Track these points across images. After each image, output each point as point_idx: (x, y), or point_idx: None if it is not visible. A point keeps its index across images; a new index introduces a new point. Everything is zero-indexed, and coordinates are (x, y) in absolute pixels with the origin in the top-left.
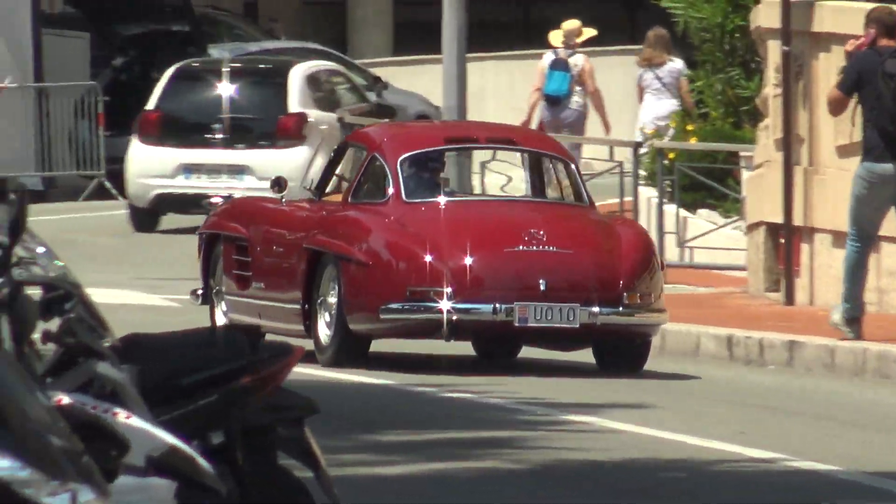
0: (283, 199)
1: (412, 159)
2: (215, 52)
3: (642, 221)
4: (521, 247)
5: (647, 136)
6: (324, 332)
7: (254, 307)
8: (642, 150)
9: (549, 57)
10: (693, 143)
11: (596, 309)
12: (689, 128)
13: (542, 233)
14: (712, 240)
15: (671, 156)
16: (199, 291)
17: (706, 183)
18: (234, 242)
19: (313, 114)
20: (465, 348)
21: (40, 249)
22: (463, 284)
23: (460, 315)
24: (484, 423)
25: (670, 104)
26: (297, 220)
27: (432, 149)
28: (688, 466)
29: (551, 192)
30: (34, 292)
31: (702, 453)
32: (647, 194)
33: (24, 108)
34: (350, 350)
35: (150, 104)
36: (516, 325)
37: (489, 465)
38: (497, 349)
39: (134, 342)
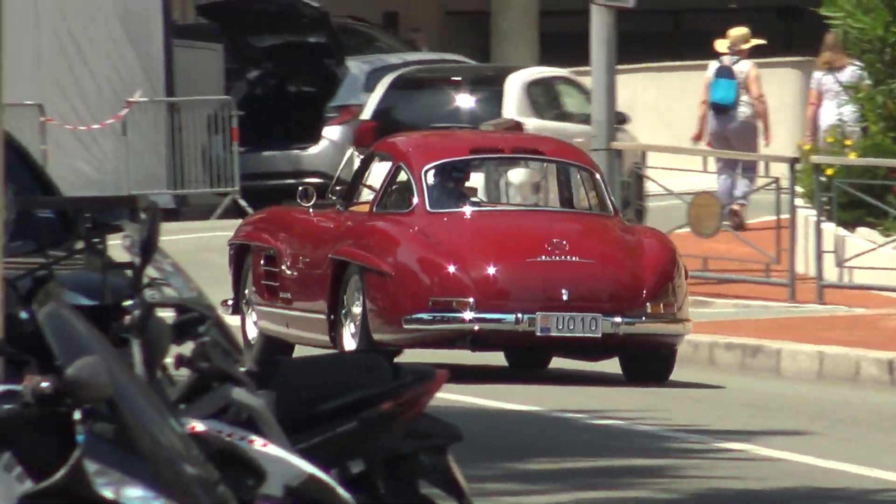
0: (311, 210)
1: (437, 169)
2: (353, 64)
3: (799, 240)
4: (543, 257)
5: (803, 150)
6: (349, 342)
7: (281, 317)
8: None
9: (713, 66)
10: (852, 158)
11: (618, 319)
12: (848, 143)
13: (565, 243)
14: (872, 259)
15: (829, 172)
16: (230, 302)
17: (865, 200)
18: (263, 253)
19: (531, 122)
20: (494, 358)
21: (172, 270)
22: (486, 295)
23: (483, 325)
24: (634, 451)
25: (850, 108)
26: (323, 231)
27: (457, 159)
28: (847, 496)
29: (577, 202)
30: (167, 315)
31: (862, 482)
32: (805, 212)
33: (155, 123)
34: None
35: (367, 114)
36: (539, 334)
37: (640, 494)
38: (527, 359)
39: (271, 366)
